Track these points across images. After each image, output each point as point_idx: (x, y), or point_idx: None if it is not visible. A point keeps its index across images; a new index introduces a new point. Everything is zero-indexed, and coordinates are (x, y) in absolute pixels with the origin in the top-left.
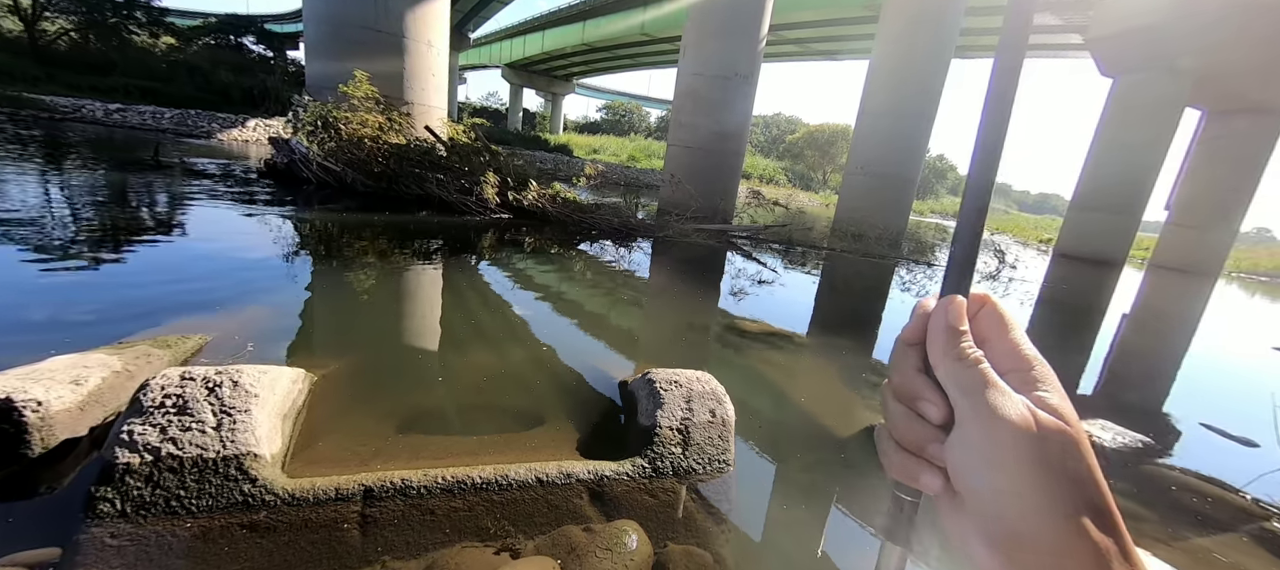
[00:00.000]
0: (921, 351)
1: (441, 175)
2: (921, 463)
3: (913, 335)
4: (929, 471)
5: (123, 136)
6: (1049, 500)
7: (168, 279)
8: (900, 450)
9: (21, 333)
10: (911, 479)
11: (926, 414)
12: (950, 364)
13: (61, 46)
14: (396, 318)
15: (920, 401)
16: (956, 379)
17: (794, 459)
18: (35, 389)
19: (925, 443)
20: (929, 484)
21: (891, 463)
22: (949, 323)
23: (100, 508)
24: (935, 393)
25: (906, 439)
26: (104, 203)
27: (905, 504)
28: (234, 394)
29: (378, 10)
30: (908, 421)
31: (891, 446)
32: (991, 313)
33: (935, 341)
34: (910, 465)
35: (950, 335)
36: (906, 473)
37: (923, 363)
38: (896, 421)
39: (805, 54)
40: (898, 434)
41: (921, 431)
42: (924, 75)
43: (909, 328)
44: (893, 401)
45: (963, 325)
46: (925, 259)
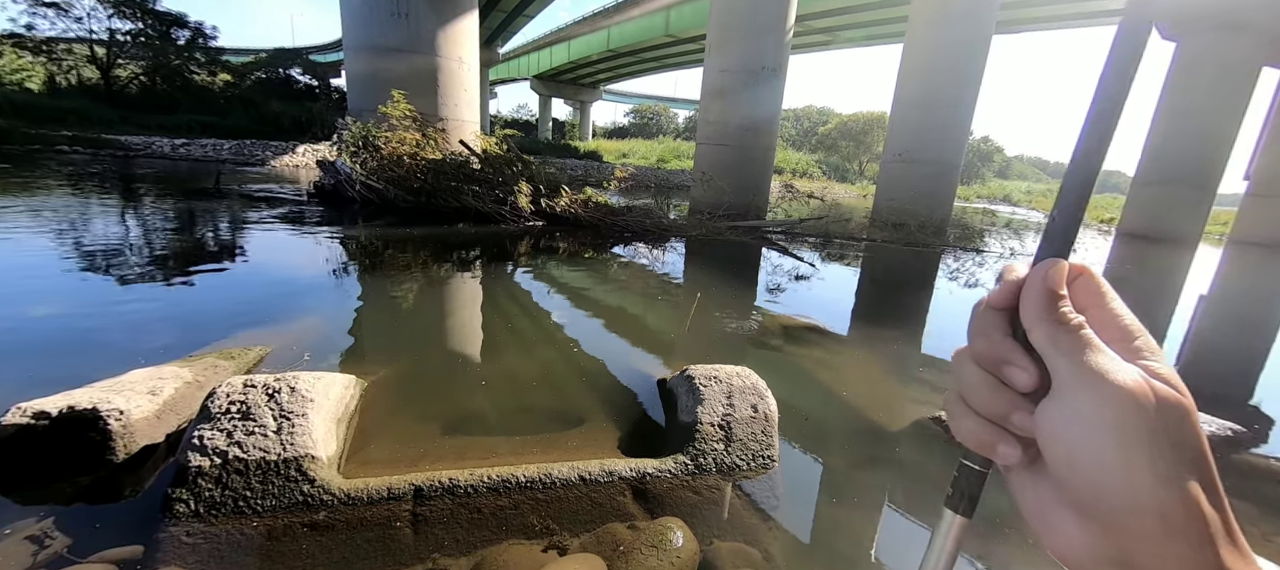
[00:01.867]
0: (1009, 317)
1: (477, 187)
2: (1000, 432)
3: (1000, 299)
4: (1008, 441)
5: (187, 169)
6: (1163, 471)
7: (231, 297)
8: (977, 418)
9: (104, 349)
10: (986, 449)
11: (1014, 380)
12: (1050, 328)
13: (133, 90)
14: (439, 325)
15: (1007, 367)
16: (1058, 343)
17: (842, 455)
18: (118, 399)
19: (1009, 411)
20: (1007, 454)
21: (966, 431)
22: (1048, 286)
23: (176, 508)
24: (1026, 358)
25: (987, 407)
26: (173, 230)
27: (973, 474)
28: (292, 399)
29: (411, 32)
30: (989, 388)
31: (966, 414)
32: (1090, 283)
33: (1032, 304)
34: (988, 434)
35: (1049, 298)
36: (981, 442)
37: (1010, 328)
38: (975, 389)
39: (835, 43)
40: (976, 401)
41: (1006, 399)
42: (962, 55)
43: (996, 291)
44: (972, 367)
45: (1063, 290)
46: (973, 246)
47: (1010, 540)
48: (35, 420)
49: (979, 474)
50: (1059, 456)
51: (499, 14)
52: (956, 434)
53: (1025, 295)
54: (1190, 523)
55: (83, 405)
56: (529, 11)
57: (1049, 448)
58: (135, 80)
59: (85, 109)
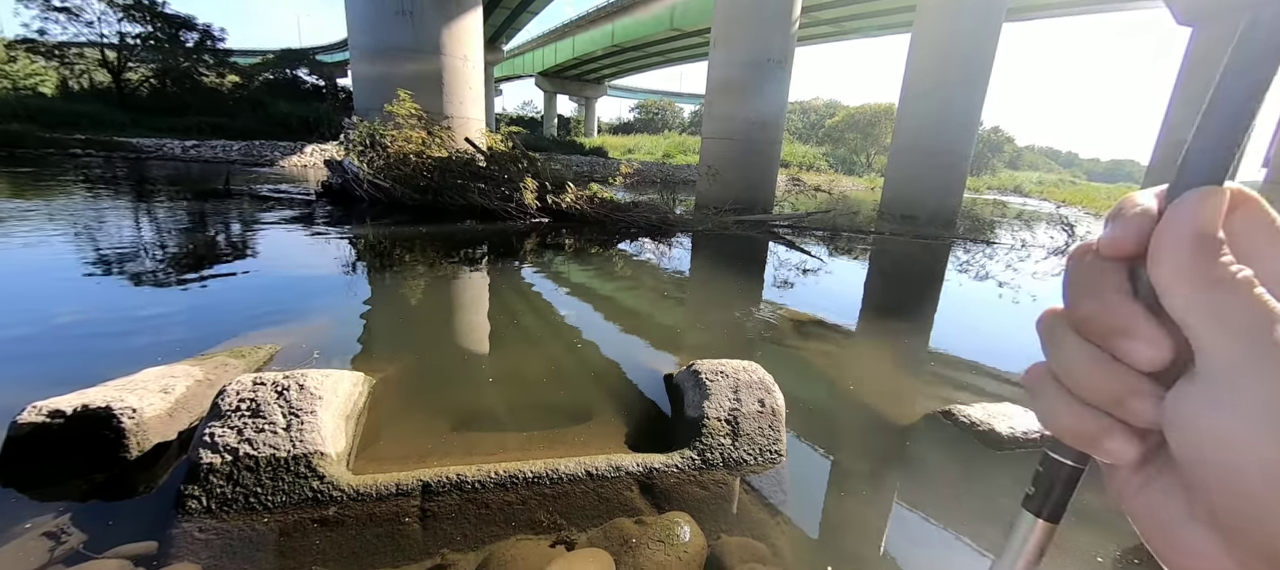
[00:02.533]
0: (1129, 269)
1: (482, 184)
2: (1110, 422)
3: (1119, 245)
4: (1121, 434)
5: (198, 170)
6: None
7: (240, 296)
8: (1077, 403)
9: (117, 348)
10: (1089, 443)
11: (1134, 356)
12: (1205, 288)
13: (143, 93)
14: (447, 322)
15: (1126, 339)
16: (1215, 309)
17: (850, 450)
18: (131, 398)
19: (1126, 396)
20: (1119, 451)
21: (1060, 418)
22: (1199, 227)
23: (189, 504)
24: (1156, 327)
25: (1094, 389)
26: (183, 230)
27: (1065, 471)
28: (301, 397)
29: (416, 31)
30: (1098, 366)
31: (1061, 397)
32: (1256, 216)
33: (1174, 254)
34: (1092, 424)
35: (1203, 245)
36: (1083, 435)
37: (1131, 284)
38: (1078, 365)
39: (841, 34)
40: (1078, 382)
41: (1121, 381)
42: (971, 44)
43: (1112, 235)
44: (1072, 338)
45: (1220, 232)
46: (984, 238)
47: None
48: (51, 418)
49: (1072, 471)
50: (1203, 460)
51: (503, 11)
52: (1045, 422)
53: (1161, 239)
54: None
55: (97, 403)
56: (533, 8)
57: (1187, 447)
58: (146, 83)
59: (97, 112)
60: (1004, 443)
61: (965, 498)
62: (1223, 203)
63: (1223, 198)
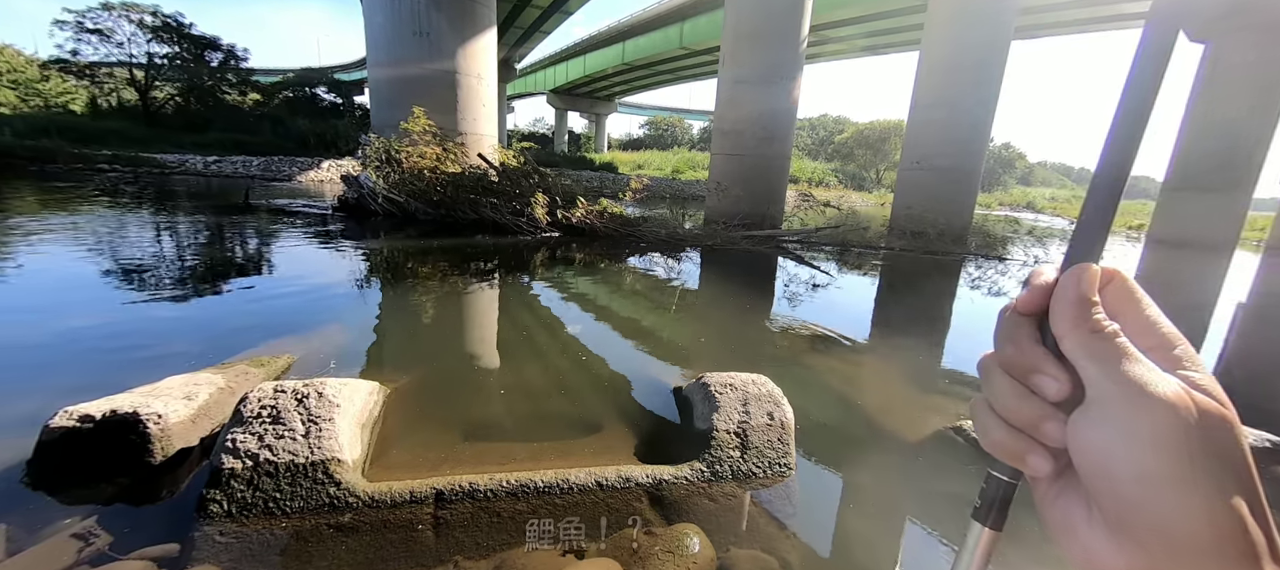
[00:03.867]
0: (1038, 322)
1: (495, 199)
2: (1030, 442)
3: (1029, 305)
4: (1038, 452)
5: (219, 185)
6: (1205, 487)
7: (260, 307)
8: (1005, 427)
9: (141, 356)
10: (1015, 459)
11: (1043, 389)
12: (1083, 335)
13: (169, 110)
14: (459, 334)
15: (1037, 376)
16: (1092, 351)
17: (860, 465)
18: (156, 404)
19: (1039, 421)
20: (1037, 465)
21: (993, 441)
22: (1080, 292)
23: (210, 508)
24: (1057, 366)
25: (1016, 416)
26: (205, 243)
27: (1002, 485)
28: (319, 404)
29: (431, 49)
30: (1018, 397)
31: (995, 423)
32: (1122, 287)
33: (1063, 312)
34: (1016, 444)
35: (1082, 305)
36: (1010, 452)
37: (1039, 334)
38: (1004, 396)
39: (849, 51)
40: (1004, 410)
41: (1035, 409)
42: (980, 61)
43: (1024, 297)
44: (1000, 375)
45: (1095, 296)
46: (995, 253)
47: (1026, 549)
48: (80, 423)
49: (1008, 485)
50: (1093, 470)
51: (516, 31)
52: (984, 443)
53: (1056, 301)
54: (1234, 540)
55: (124, 409)
56: (545, 28)
57: (1082, 460)
58: (171, 101)
59: (124, 129)
60: None
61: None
62: (1096, 275)
63: (1096, 272)
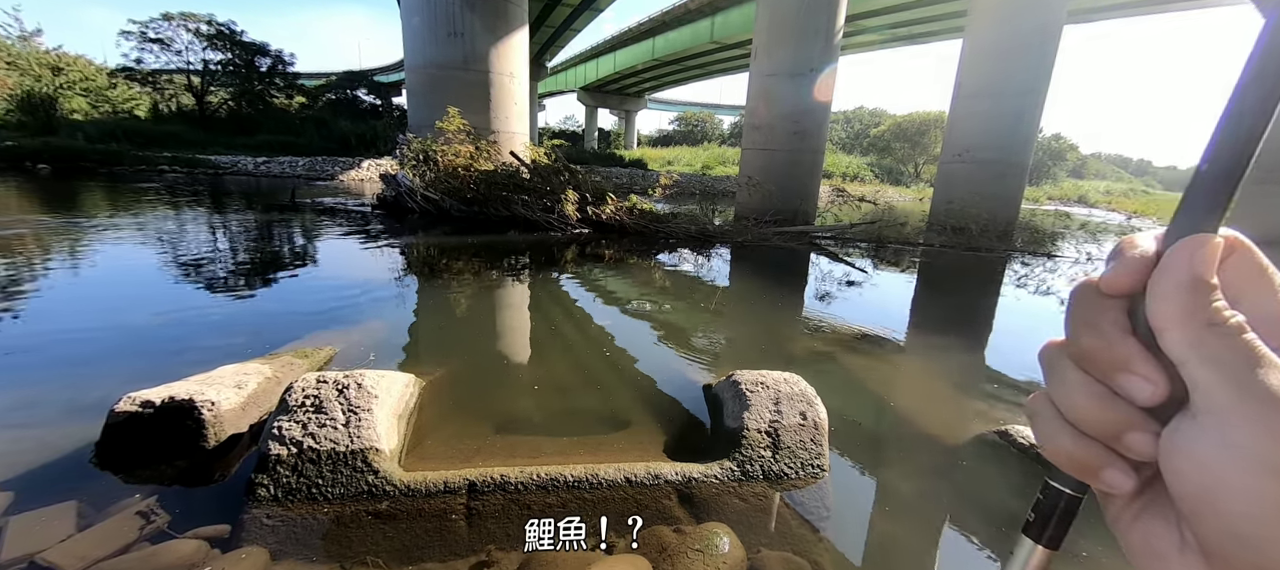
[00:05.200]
0: (1128, 307)
1: (526, 196)
2: (1108, 454)
3: (1118, 283)
4: (1117, 466)
5: (268, 184)
6: None
7: (304, 300)
8: (1076, 434)
9: (196, 346)
10: (1087, 472)
11: (1132, 391)
12: (1198, 330)
13: (222, 114)
14: (491, 329)
15: (1124, 374)
16: (1208, 352)
17: (897, 469)
18: (210, 392)
19: (1123, 430)
20: (1116, 482)
21: (1059, 449)
22: (1194, 272)
23: (258, 492)
24: (1152, 364)
25: (1091, 422)
26: (255, 240)
27: (1064, 499)
28: (359, 395)
29: (465, 50)
30: (1097, 398)
31: (1062, 427)
32: (1249, 262)
33: (1170, 297)
34: (1090, 455)
35: (1197, 290)
36: (1081, 464)
37: (1130, 321)
38: (1077, 397)
39: (887, 42)
40: (1077, 413)
41: (1119, 414)
42: (1030, 46)
43: (1113, 273)
44: (1072, 370)
45: (1214, 277)
46: (1044, 250)
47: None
48: (142, 408)
49: (1072, 499)
50: (1196, 497)
51: (547, 29)
52: (1046, 450)
53: (1157, 282)
54: None
55: (181, 396)
56: (576, 26)
57: (1181, 484)
58: (224, 105)
59: (182, 132)
60: None
61: (1021, 524)
62: (1217, 250)
63: (1217, 246)
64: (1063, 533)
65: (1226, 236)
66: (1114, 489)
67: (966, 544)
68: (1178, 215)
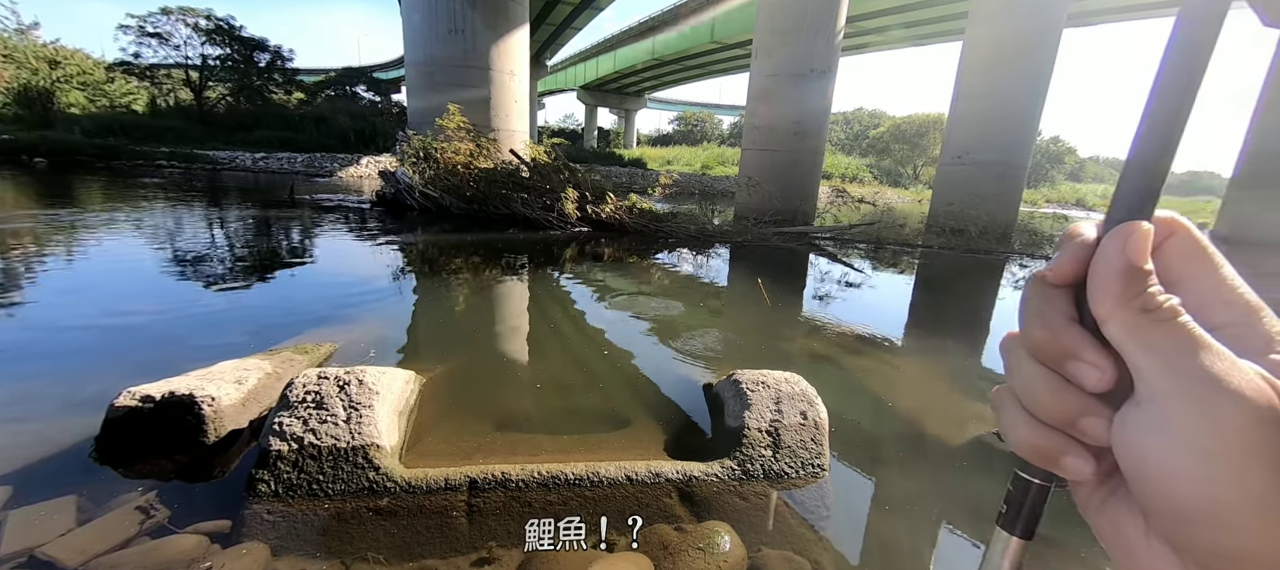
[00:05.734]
0: (1073, 296)
1: (526, 194)
2: (1066, 440)
3: (1062, 273)
4: (1077, 452)
5: (266, 180)
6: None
7: (303, 296)
8: (1035, 424)
9: (196, 342)
10: (1048, 460)
11: (1081, 378)
12: (1133, 316)
13: (220, 109)
14: (491, 327)
15: (1073, 362)
16: (1144, 338)
17: (897, 469)
18: (210, 387)
19: (1076, 416)
20: (1075, 468)
21: (1020, 438)
22: (1127, 259)
23: (259, 488)
24: (1098, 351)
25: (1047, 410)
26: (254, 236)
27: (1032, 488)
28: (360, 391)
29: (466, 48)
30: (1050, 388)
31: (1022, 418)
32: (1186, 243)
33: (1106, 285)
34: (1049, 442)
35: (1130, 276)
36: (1041, 452)
37: (1077, 310)
38: (1032, 387)
39: (887, 43)
40: (1033, 403)
41: (1072, 402)
42: (1030, 49)
43: (1057, 263)
44: (1027, 361)
45: (1147, 263)
46: (1042, 253)
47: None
48: (142, 403)
49: (1040, 489)
50: (1144, 482)
51: (548, 27)
52: (1010, 441)
53: (1095, 272)
54: None
55: (181, 391)
56: (576, 24)
57: (1131, 470)
58: (223, 100)
59: (180, 127)
60: None
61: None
62: (1149, 235)
63: (1147, 231)
64: (1034, 522)
65: (1162, 220)
66: (1075, 476)
67: (964, 544)
68: (1113, 204)
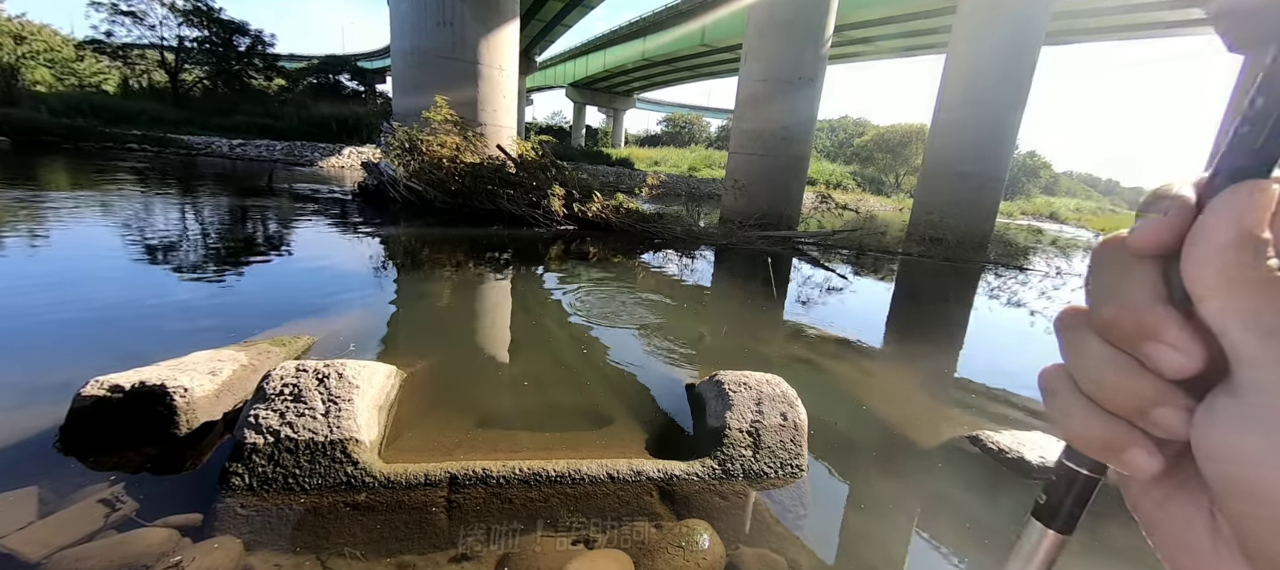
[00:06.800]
0: (1161, 269)
1: (512, 190)
2: (1131, 432)
3: (1150, 241)
4: (1143, 445)
5: (243, 168)
6: None
7: (282, 288)
8: (1096, 410)
9: (166, 331)
10: (1107, 452)
11: (1162, 363)
12: (1244, 295)
13: (196, 93)
14: (473, 323)
15: (1154, 344)
16: (1257, 320)
17: (873, 470)
18: (182, 378)
19: (1149, 405)
20: (1140, 463)
21: (1076, 427)
22: (1243, 225)
23: (233, 481)
24: (1184, 332)
25: (1113, 397)
26: (230, 225)
27: (1079, 480)
28: (339, 385)
29: (454, 40)
30: (1120, 372)
31: (1080, 404)
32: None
33: (1212, 256)
34: (1111, 433)
35: (1244, 248)
36: (1101, 444)
37: (1163, 284)
38: (1098, 370)
39: (873, 53)
40: (1098, 387)
41: (1146, 389)
42: (1009, 66)
43: (1144, 229)
44: (1092, 341)
45: (1265, 231)
46: (1017, 263)
47: None
48: (110, 393)
49: (1087, 481)
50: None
51: (538, 23)
52: (1060, 427)
53: (1198, 237)
54: None
55: (152, 381)
56: (567, 21)
57: (1217, 469)
58: (199, 84)
59: (154, 110)
60: (1033, 471)
61: (991, 527)
62: (1271, 199)
63: (1271, 194)
64: (1077, 516)
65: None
66: (1137, 471)
67: (937, 544)
68: (1225, 155)
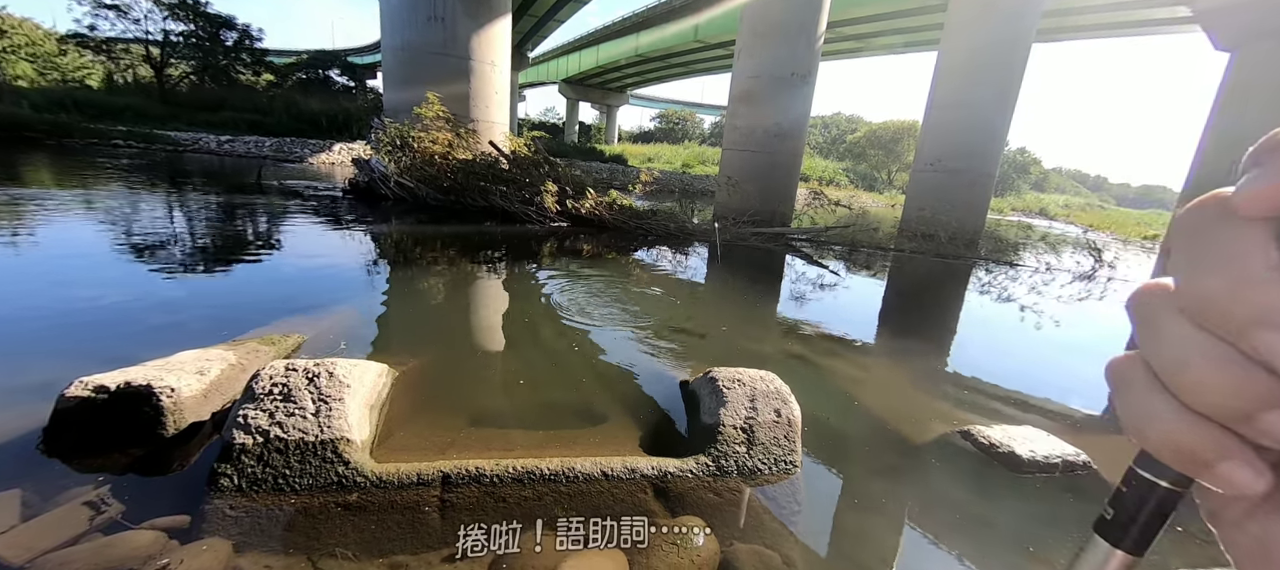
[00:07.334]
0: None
1: (504, 187)
2: (1229, 439)
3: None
4: (1243, 457)
5: (231, 164)
6: None
7: (271, 286)
8: (1185, 412)
9: (153, 331)
10: (1196, 463)
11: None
12: None
13: (183, 88)
14: (466, 321)
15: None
16: None
17: (866, 466)
18: (169, 378)
19: (1257, 407)
20: (1241, 479)
21: (1161, 430)
22: None
23: (221, 482)
24: None
25: (1211, 395)
26: (218, 222)
27: (1157, 494)
28: (330, 384)
29: (446, 35)
30: (1221, 365)
31: (1162, 402)
32: None
33: None
34: (1205, 440)
35: None
36: (1188, 452)
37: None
38: (1191, 362)
39: (866, 50)
40: (1189, 383)
41: (1255, 387)
42: (1000, 62)
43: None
44: (1182, 325)
45: None
46: (1007, 259)
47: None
48: (95, 394)
49: (1168, 495)
50: None
51: (530, 19)
52: (1135, 431)
53: None
54: None
55: (138, 382)
56: (559, 16)
57: None
58: (186, 79)
59: (139, 105)
60: (1024, 466)
61: (982, 521)
62: None
63: None
64: (1152, 536)
65: None
66: (1237, 490)
67: (929, 539)
68: None
